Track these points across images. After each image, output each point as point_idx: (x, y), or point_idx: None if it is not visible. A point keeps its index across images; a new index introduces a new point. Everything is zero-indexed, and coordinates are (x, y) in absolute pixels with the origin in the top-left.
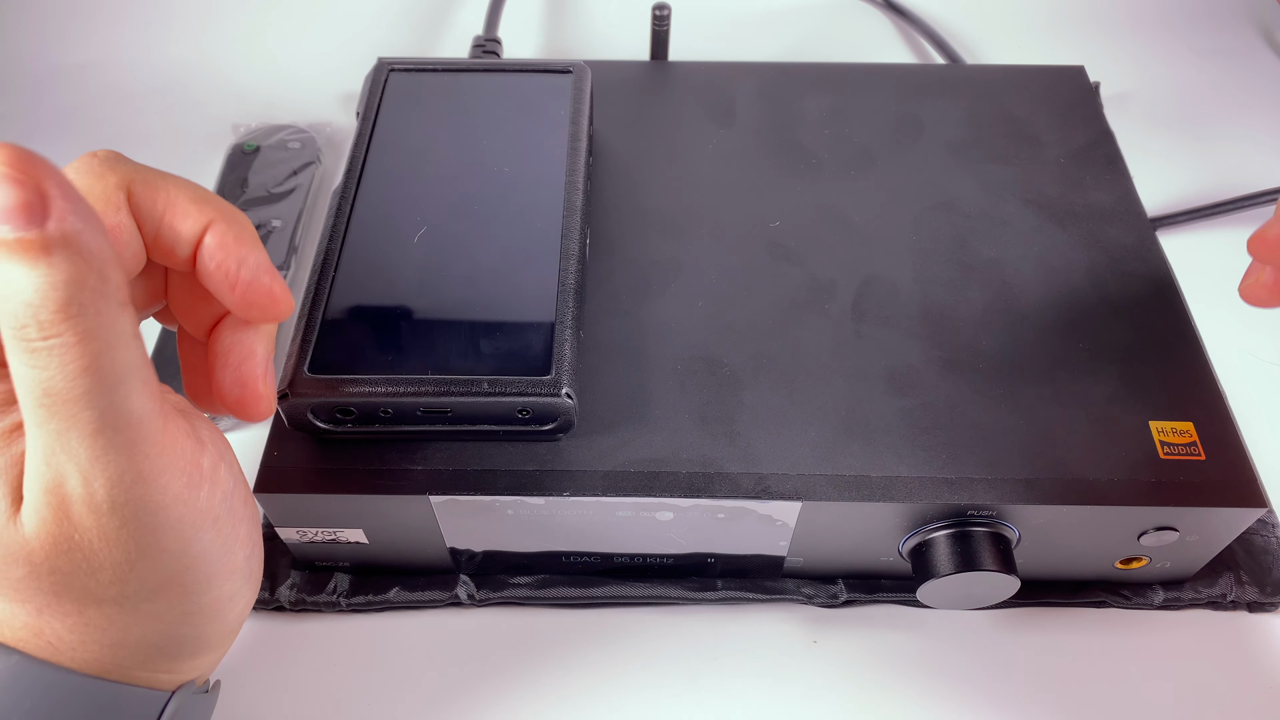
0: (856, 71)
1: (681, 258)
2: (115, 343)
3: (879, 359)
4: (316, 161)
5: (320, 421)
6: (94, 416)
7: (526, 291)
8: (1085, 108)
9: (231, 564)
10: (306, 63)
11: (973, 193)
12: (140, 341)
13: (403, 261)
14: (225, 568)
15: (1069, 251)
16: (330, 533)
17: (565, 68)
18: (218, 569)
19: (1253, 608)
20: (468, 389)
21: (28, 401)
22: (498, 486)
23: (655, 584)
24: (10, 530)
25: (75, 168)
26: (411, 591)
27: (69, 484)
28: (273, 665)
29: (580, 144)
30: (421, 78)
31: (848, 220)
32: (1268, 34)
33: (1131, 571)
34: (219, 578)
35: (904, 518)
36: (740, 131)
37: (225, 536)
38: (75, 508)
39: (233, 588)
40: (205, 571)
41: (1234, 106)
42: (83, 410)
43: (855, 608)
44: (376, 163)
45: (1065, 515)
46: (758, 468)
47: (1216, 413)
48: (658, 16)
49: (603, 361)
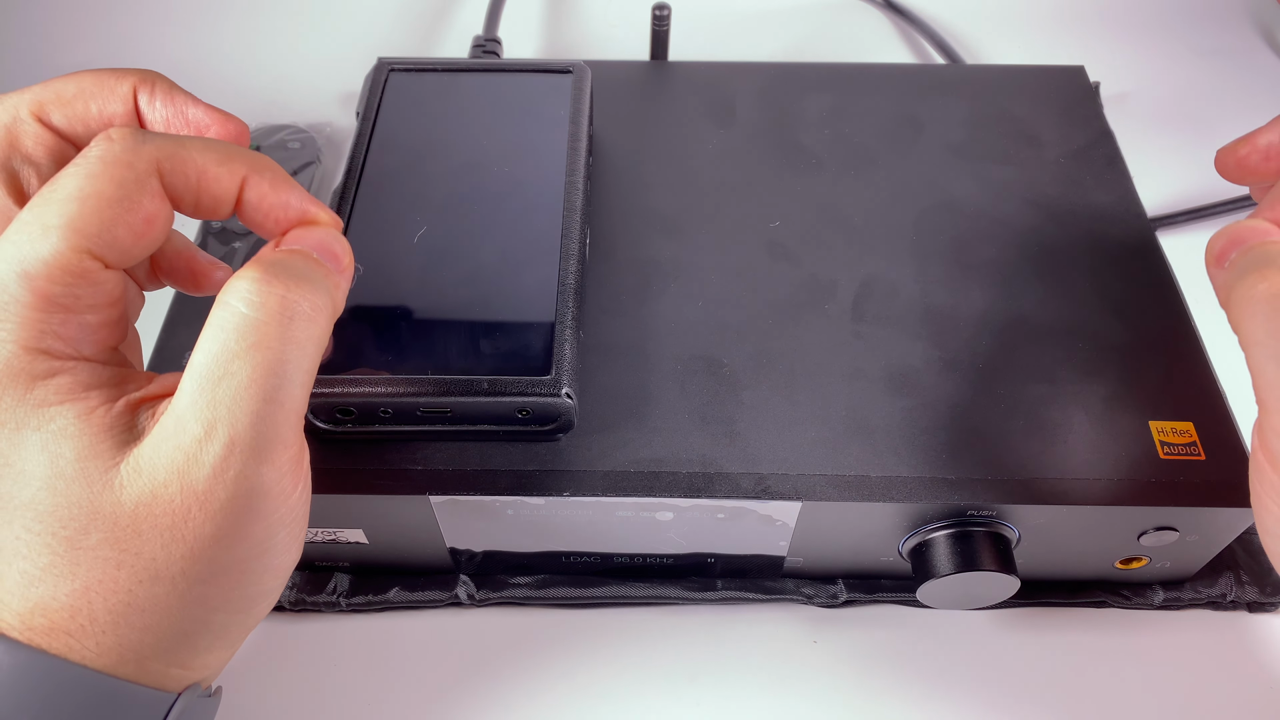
0: (856, 71)
1: (681, 258)
2: (321, 341)
3: (879, 359)
4: (316, 161)
5: (320, 421)
6: (276, 385)
7: (526, 291)
8: (1085, 108)
9: (283, 564)
10: (306, 63)
11: (973, 193)
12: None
13: (402, 261)
14: (278, 567)
15: (1069, 251)
16: (330, 533)
17: (565, 68)
18: (272, 565)
19: (1253, 608)
20: (468, 389)
21: (226, 346)
22: (498, 486)
23: (655, 584)
24: (103, 488)
25: (101, 158)
26: (411, 591)
27: (212, 443)
28: (273, 665)
29: (580, 144)
30: (421, 78)
31: (848, 220)
32: (1268, 34)
33: (1131, 571)
34: (269, 574)
35: (904, 518)
36: (740, 131)
37: (293, 538)
38: (198, 470)
39: (274, 584)
40: (265, 563)
41: (1234, 106)
42: (270, 376)
43: (855, 608)
44: (376, 163)
45: (1065, 515)
46: (758, 468)
47: (1216, 413)
48: (658, 16)
49: (603, 361)
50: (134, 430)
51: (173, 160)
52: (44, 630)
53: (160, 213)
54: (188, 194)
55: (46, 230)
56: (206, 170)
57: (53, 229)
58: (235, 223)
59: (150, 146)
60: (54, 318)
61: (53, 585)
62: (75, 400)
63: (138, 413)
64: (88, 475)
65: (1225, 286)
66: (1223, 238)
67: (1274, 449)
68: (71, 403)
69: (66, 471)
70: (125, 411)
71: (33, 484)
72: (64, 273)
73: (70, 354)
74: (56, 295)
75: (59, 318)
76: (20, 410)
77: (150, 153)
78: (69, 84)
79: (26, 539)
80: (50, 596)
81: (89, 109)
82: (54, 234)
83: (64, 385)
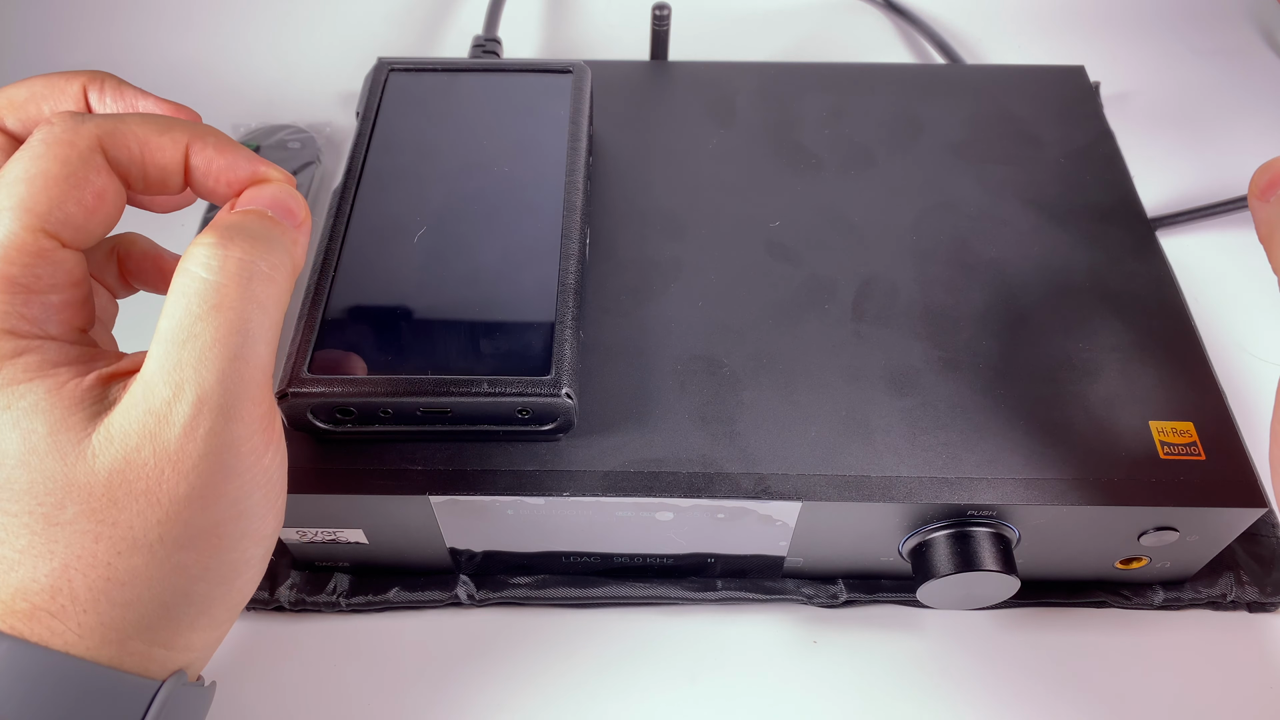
0: (856, 71)
1: (681, 258)
2: (282, 299)
3: (879, 359)
4: (316, 161)
5: (320, 421)
6: (240, 342)
7: (526, 291)
8: (1085, 108)
9: (262, 530)
10: (306, 63)
11: (973, 193)
12: (282, 316)
13: (403, 261)
14: (257, 532)
15: (1069, 251)
16: (330, 533)
17: (565, 68)
18: (250, 530)
19: (1253, 608)
20: (468, 389)
21: (189, 310)
22: (498, 486)
23: (655, 584)
24: (77, 459)
25: (44, 140)
26: (411, 591)
27: (180, 403)
28: (273, 665)
29: (580, 144)
30: (421, 78)
31: (848, 220)
32: (1268, 34)
33: (1131, 571)
34: (247, 540)
35: (904, 518)
36: (740, 131)
37: (269, 501)
38: (168, 431)
39: (255, 553)
40: (242, 527)
41: (1234, 106)
42: (233, 335)
43: (855, 608)
44: (376, 163)
45: (1065, 515)
46: (758, 468)
47: (1216, 413)
48: (658, 16)
49: (603, 361)
50: (105, 402)
51: (113, 135)
52: (25, 614)
53: (109, 187)
54: (134, 167)
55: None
56: (148, 140)
57: (4, 210)
58: None
59: (90, 124)
60: (16, 298)
61: (32, 567)
62: (44, 376)
63: (109, 386)
64: (61, 448)
65: (1268, 222)
66: (1269, 171)
67: None
68: (41, 379)
69: (40, 446)
70: (96, 385)
71: (7, 463)
72: (20, 253)
73: (36, 333)
74: (15, 275)
75: (21, 298)
76: None
77: (90, 130)
78: (20, 89)
79: (4, 522)
80: (30, 579)
81: (41, 110)
82: (6, 215)
83: (32, 363)
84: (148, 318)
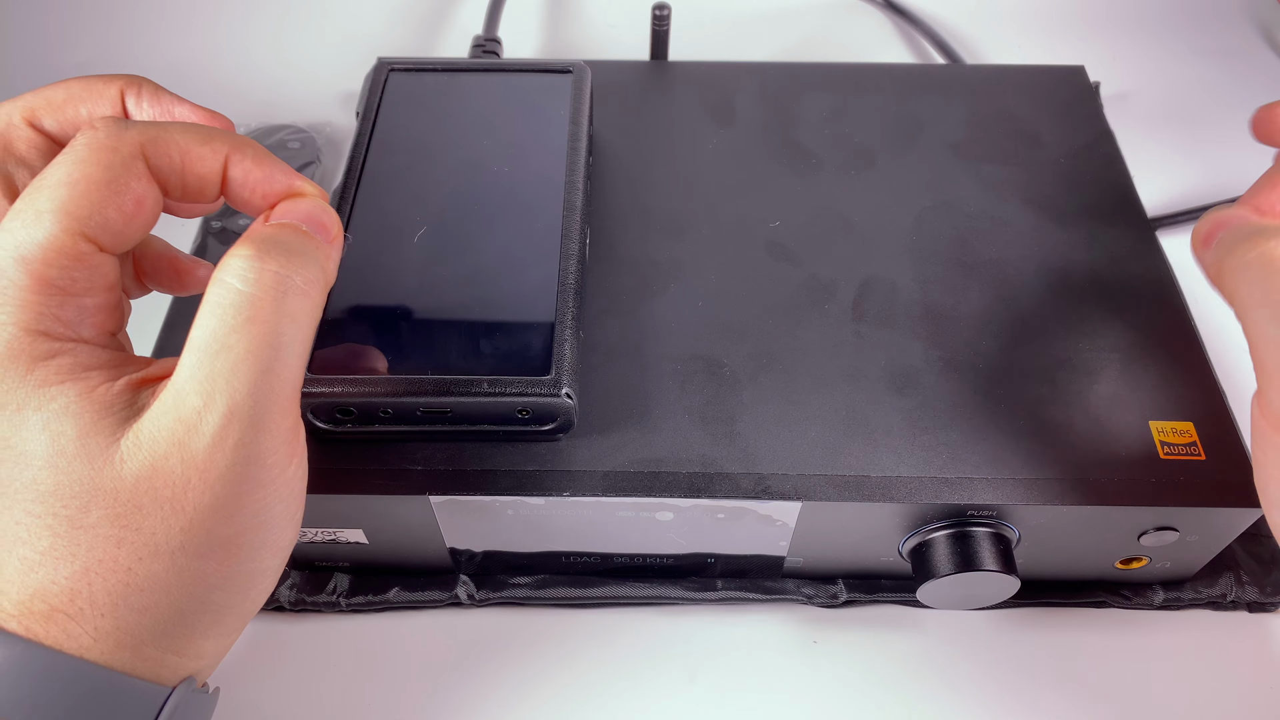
0: (856, 71)
1: (681, 258)
2: (315, 313)
3: (879, 359)
4: (316, 161)
5: (320, 421)
6: (272, 356)
7: (526, 291)
8: (1085, 108)
9: (280, 541)
10: (306, 63)
11: (973, 193)
12: (314, 330)
13: (402, 261)
14: (276, 543)
15: (1069, 251)
16: (330, 533)
17: (565, 68)
18: (270, 541)
19: (1253, 608)
20: (468, 389)
21: (224, 321)
22: (498, 486)
23: (655, 584)
24: (105, 463)
25: (87, 144)
26: (411, 591)
27: (211, 413)
28: (273, 665)
29: (580, 144)
30: (421, 77)
31: (848, 220)
32: (1268, 34)
33: (1131, 571)
34: (266, 550)
35: (904, 518)
36: (740, 131)
37: (289, 513)
38: (198, 440)
39: (272, 564)
40: (262, 538)
41: (1234, 106)
42: (266, 348)
43: (855, 608)
44: (376, 163)
45: (1065, 515)
46: (758, 468)
47: (1216, 413)
48: (658, 16)
49: (603, 361)
50: (134, 408)
51: (156, 143)
52: (42, 615)
53: (148, 194)
54: (173, 175)
55: (40, 215)
56: (189, 150)
57: (45, 214)
58: (235, 223)
59: (133, 131)
60: (52, 300)
61: (52, 568)
62: (76, 379)
63: (138, 392)
64: (89, 452)
65: (1214, 263)
66: (1208, 222)
67: (1277, 409)
68: (72, 382)
69: (68, 449)
70: (126, 390)
71: (34, 464)
72: (59, 255)
73: (69, 336)
74: (53, 278)
75: (57, 300)
76: (21, 391)
77: (134, 136)
78: (59, 90)
79: (27, 522)
80: (50, 580)
81: (79, 112)
82: (47, 218)
83: (64, 365)
84: (149, 318)
